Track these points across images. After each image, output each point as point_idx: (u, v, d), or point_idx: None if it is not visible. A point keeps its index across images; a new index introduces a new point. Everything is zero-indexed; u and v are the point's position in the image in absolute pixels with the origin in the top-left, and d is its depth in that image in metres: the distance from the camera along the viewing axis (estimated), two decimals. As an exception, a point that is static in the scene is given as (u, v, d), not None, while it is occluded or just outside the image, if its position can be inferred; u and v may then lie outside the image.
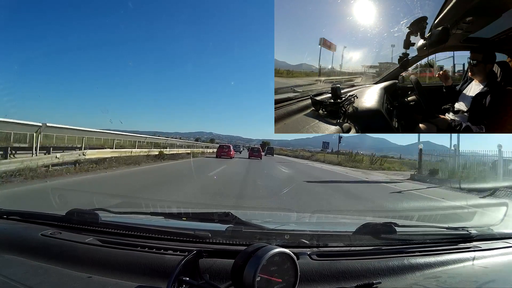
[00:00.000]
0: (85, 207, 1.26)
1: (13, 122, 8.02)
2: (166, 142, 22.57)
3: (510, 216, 1.60)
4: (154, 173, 9.84)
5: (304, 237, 1.03)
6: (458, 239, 1.21)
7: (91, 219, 1.13)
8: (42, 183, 6.23)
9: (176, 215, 1.38)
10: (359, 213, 4.96)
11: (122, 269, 0.89)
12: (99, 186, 6.54)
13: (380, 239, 1.09)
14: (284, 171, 14.34)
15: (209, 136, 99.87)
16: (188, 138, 56.04)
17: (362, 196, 7.38)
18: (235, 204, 5.02)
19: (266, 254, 0.73)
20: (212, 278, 0.82)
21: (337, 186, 9.32)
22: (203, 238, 1.00)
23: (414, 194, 8.45)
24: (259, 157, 23.87)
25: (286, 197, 5.92)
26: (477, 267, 1.05)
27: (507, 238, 1.28)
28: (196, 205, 4.75)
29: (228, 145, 25.65)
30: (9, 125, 8.40)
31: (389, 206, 6.12)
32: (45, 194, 3.46)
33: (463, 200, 7.28)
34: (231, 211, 1.15)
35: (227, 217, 1.10)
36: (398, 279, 0.92)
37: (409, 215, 3.09)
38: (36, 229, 1.11)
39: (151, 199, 4.69)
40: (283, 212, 3.24)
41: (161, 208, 1.83)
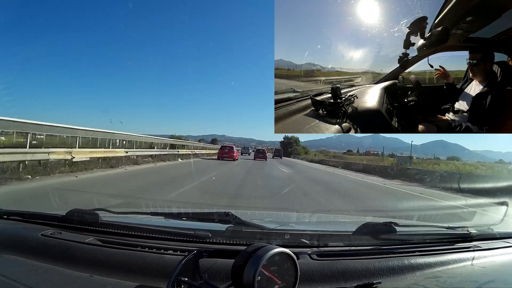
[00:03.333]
0: (85, 207, 1.27)
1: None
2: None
3: (510, 216, 1.60)
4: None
5: (304, 237, 1.03)
6: (458, 239, 1.22)
7: (91, 219, 1.13)
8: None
9: (176, 215, 1.38)
10: (359, 213, 4.97)
11: (122, 269, 0.89)
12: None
13: (380, 239, 1.09)
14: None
15: (221, 139, 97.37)
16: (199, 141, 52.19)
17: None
18: (235, 204, 5.01)
19: (266, 254, 0.73)
20: (212, 278, 0.82)
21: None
22: (203, 238, 1.00)
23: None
24: (264, 159, 24.54)
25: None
26: (477, 267, 1.05)
27: (507, 238, 1.28)
28: (196, 205, 4.75)
29: (231, 145, 23.11)
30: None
31: (389, 206, 6.11)
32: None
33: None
34: (231, 211, 1.15)
35: (227, 217, 1.10)
36: (398, 279, 0.92)
37: (409, 215, 3.09)
38: (37, 229, 1.11)
39: (151, 199, 4.70)
40: (283, 212, 3.24)
41: (161, 208, 1.83)
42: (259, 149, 27.71)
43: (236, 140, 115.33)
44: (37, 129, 9.51)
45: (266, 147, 39.43)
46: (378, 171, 16.59)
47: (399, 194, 8.74)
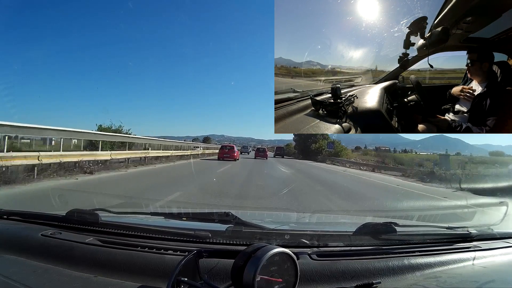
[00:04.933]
0: (85, 207, 1.27)
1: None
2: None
3: (510, 216, 1.60)
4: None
5: (304, 237, 1.03)
6: (458, 239, 1.21)
7: (91, 219, 1.13)
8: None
9: (176, 215, 1.38)
10: (359, 213, 4.96)
11: (122, 269, 0.89)
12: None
13: (380, 239, 1.09)
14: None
15: (220, 139, 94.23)
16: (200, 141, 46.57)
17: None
18: (235, 204, 5.01)
19: (266, 254, 0.73)
20: (212, 278, 0.82)
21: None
22: (203, 238, 1.00)
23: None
24: (264, 157, 24.60)
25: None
26: (477, 267, 1.05)
27: (507, 238, 1.28)
28: (196, 205, 4.75)
29: (232, 145, 22.24)
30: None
31: (389, 206, 6.11)
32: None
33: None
34: (231, 211, 1.15)
35: (227, 217, 1.10)
36: (398, 279, 0.92)
37: (409, 215, 3.09)
38: (37, 229, 1.11)
39: (151, 199, 4.70)
40: (283, 212, 3.25)
41: (161, 208, 1.83)
42: (260, 148, 28.32)
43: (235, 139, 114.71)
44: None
45: (266, 146, 39.56)
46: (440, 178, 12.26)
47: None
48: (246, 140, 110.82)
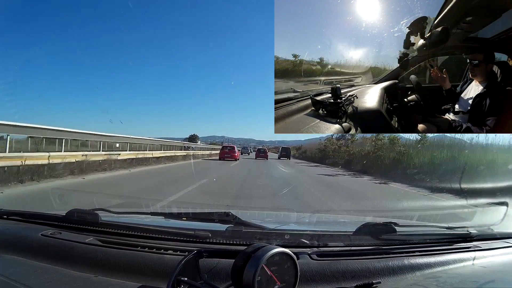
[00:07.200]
0: (85, 207, 1.27)
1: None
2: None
3: (510, 216, 1.60)
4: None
5: (304, 237, 1.03)
6: (458, 239, 1.21)
7: (91, 219, 1.13)
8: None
9: (176, 215, 1.38)
10: (359, 213, 4.96)
11: (122, 269, 0.89)
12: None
13: (380, 239, 1.09)
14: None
15: (220, 140, 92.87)
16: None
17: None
18: (235, 204, 5.01)
19: (266, 254, 0.73)
20: (212, 278, 0.82)
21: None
22: (203, 238, 1.00)
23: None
24: (265, 158, 24.62)
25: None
26: (477, 267, 1.05)
27: (507, 238, 1.28)
28: (196, 205, 4.75)
29: (232, 145, 22.55)
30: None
31: (389, 206, 6.11)
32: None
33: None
34: (231, 211, 1.15)
35: (227, 217, 1.10)
36: (398, 279, 0.92)
37: (409, 215, 3.09)
38: (36, 229, 1.11)
39: (151, 199, 4.70)
40: (283, 212, 3.25)
41: (161, 208, 1.83)
42: (260, 149, 28.40)
43: (236, 140, 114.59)
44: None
45: (267, 147, 39.64)
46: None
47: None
48: (246, 141, 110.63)
